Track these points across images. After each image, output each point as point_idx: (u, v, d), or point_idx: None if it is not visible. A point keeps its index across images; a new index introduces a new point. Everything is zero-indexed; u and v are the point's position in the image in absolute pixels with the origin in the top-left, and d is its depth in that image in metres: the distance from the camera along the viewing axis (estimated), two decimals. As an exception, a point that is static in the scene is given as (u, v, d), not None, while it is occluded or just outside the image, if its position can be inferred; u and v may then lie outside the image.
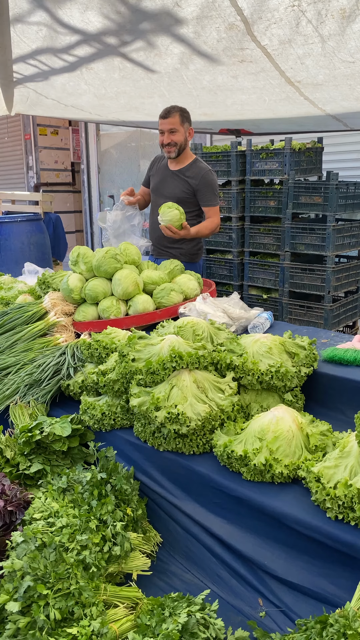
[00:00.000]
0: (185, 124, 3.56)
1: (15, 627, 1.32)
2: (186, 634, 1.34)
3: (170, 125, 3.51)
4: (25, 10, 3.39)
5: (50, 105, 5.32)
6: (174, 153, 3.60)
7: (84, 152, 10.64)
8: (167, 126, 3.52)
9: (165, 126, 3.54)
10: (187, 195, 3.68)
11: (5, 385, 2.38)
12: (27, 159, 11.31)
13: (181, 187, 3.67)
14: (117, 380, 2.13)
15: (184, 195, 3.69)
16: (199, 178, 3.62)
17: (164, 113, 3.54)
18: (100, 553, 1.55)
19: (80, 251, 3.07)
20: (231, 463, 1.75)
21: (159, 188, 3.77)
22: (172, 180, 3.70)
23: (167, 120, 3.52)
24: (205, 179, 3.62)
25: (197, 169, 3.65)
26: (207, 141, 8.04)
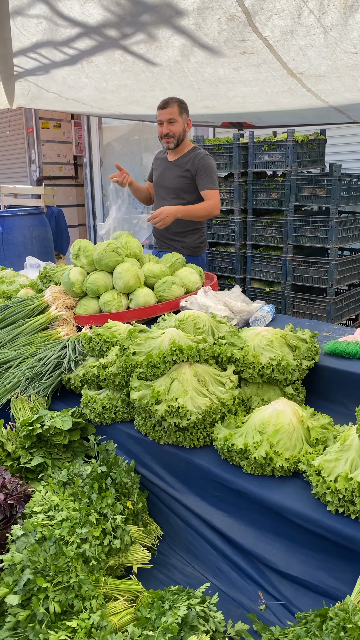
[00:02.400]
0: (183, 114, 3.56)
1: (15, 620, 1.32)
2: (186, 626, 1.34)
3: (169, 116, 3.51)
4: (25, 3, 3.37)
5: (52, 99, 5.30)
6: (173, 144, 3.59)
7: (86, 145, 10.61)
8: (166, 116, 3.51)
9: (163, 116, 3.53)
10: (187, 184, 3.66)
11: (6, 379, 2.39)
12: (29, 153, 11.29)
13: (179, 175, 3.66)
14: (118, 374, 2.13)
15: (183, 185, 3.67)
16: (196, 163, 3.61)
17: (162, 104, 3.53)
18: (101, 546, 1.55)
19: (81, 245, 3.07)
20: (232, 456, 1.74)
21: (160, 180, 3.78)
22: (171, 171, 3.70)
23: (165, 110, 3.51)
24: (201, 162, 3.60)
25: (194, 155, 3.65)
26: (209, 134, 7.99)
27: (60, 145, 11.56)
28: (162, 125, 3.55)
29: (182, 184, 3.67)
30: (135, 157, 10.01)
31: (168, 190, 3.74)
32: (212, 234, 5.35)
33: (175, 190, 3.70)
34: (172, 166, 3.70)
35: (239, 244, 5.19)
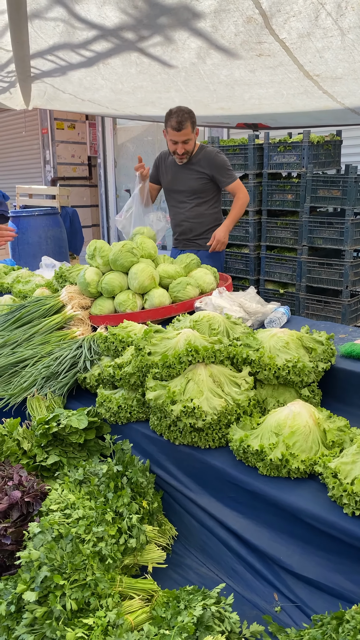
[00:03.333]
0: (195, 129, 3.65)
1: (32, 617, 1.34)
2: (201, 626, 1.34)
3: (185, 137, 3.58)
4: (42, 5, 3.40)
5: (67, 100, 5.33)
6: (186, 159, 3.71)
7: (100, 146, 10.66)
8: (182, 138, 3.58)
9: (179, 138, 3.59)
10: (203, 184, 3.76)
11: (22, 377, 2.41)
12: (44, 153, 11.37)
13: (195, 177, 3.75)
14: (133, 374, 2.14)
15: (200, 185, 3.77)
16: (211, 164, 3.71)
17: (176, 125, 3.54)
18: (116, 545, 1.56)
19: (97, 245, 3.09)
20: (247, 458, 1.75)
21: (172, 185, 3.86)
22: (184, 174, 3.77)
23: (180, 133, 3.56)
24: (215, 162, 3.71)
25: (205, 155, 3.73)
26: (223, 134, 7.99)
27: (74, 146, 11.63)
28: (177, 145, 3.62)
29: (200, 184, 3.77)
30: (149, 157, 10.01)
31: (185, 193, 3.83)
32: (226, 235, 5.35)
33: (194, 192, 3.80)
34: (184, 170, 3.77)
35: (253, 245, 5.18)
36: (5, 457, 2.00)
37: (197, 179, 3.76)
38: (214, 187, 3.82)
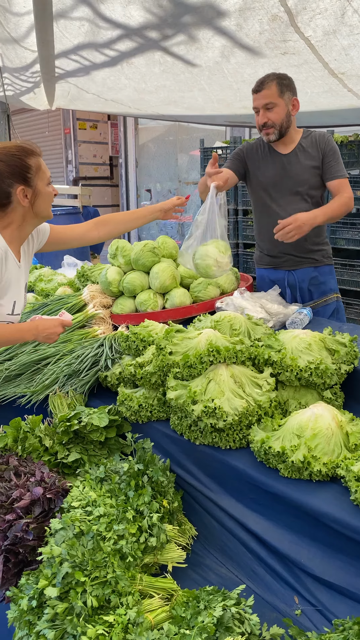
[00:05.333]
0: (285, 94, 2.69)
1: (54, 612, 1.35)
2: (221, 627, 1.34)
3: (265, 100, 2.67)
4: (68, 5, 3.43)
5: (91, 100, 5.37)
6: (274, 135, 2.75)
7: (122, 146, 10.71)
8: (262, 101, 2.69)
9: (258, 102, 2.71)
10: (316, 174, 2.85)
11: (45, 375, 2.43)
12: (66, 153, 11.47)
13: (309, 167, 2.83)
14: (154, 373, 2.14)
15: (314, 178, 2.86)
16: (322, 145, 2.81)
17: (256, 86, 2.72)
18: (137, 543, 1.56)
19: (119, 244, 3.10)
20: (268, 459, 1.73)
21: (279, 180, 2.88)
22: (293, 164, 2.84)
23: (260, 94, 2.69)
24: (328, 145, 2.81)
25: (317, 137, 2.84)
26: (245, 133, 7.97)
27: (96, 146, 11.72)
28: (258, 113, 2.75)
29: (314, 177, 2.85)
30: (170, 157, 10.05)
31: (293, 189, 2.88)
32: (246, 235, 5.33)
33: (307, 187, 2.87)
34: (290, 159, 2.85)
35: (274, 245, 5.14)
36: (27, 453, 2.02)
37: (310, 169, 2.83)
38: (322, 181, 2.88)
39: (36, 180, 1.95)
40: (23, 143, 1.98)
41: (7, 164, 1.88)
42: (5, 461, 1.89)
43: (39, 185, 1.96)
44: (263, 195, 2.96)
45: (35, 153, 1.96)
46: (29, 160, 1.92)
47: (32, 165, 1.93)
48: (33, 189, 1.95)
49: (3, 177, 1.88)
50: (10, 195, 1.91)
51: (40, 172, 1.96)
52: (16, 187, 1.90)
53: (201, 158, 5.70)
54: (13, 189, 1.90)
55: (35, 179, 1.94)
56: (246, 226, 5.30)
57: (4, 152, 1.89)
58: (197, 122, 7.36)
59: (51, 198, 2.05)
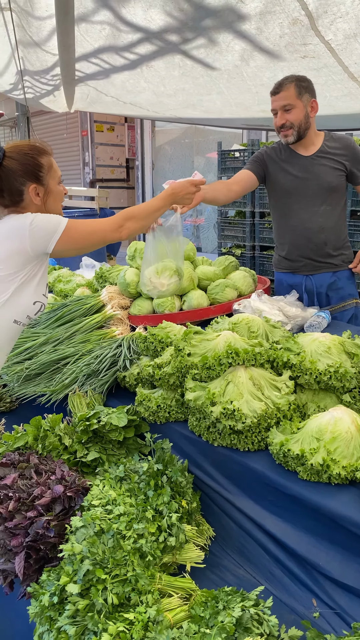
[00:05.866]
0: (304, 96, 2.70)
1: (75, 609, 1.36)
2: (240, 628, 1.34)
3: (284, 102, 2.69)
4: (90, 9, 3.47)
5: (109, 103, 5.41)
6: (292, 136, 2.75)
7: (139, 148, 10.76)
8: (280, 102, 2.70)
9: (277, 103, 2.72)
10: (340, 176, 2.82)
11: (64, 374, 2.46)
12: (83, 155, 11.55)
13: (332, 169, 2.80)
14: (173, 374, 2.16)
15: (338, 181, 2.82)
16: (351, 150, 2.79)
17: (274, 88, 2.74)
18: (156, 543, 1.58)
19: (137, 246, 3.13)
20: (287, 462, 1.74)
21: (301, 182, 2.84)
22: (315, 166, 2.80)
23: (278, 95, 2.71)
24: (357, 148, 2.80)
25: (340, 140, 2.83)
26: (262, 136, 7.96)
27: (113, 148, 11.79)
28: (277, 115, 2.76)
29: (338, 180, 2.82)
30: (186, 160, 10.08)
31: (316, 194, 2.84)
32: (263, 238, 5.33)
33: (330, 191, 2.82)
34: (314, 161, 2.81)
35: (291, 248, 5.13)
36: (47, 452, 2.05)
37: (333, 172, 2.79)
38: (345, 185, 2.89)
39: (48, 179, 1.96)
40: (35, 142, 2.01)
41: (20, 162, 1.90)
42: (26, 459, 1.92)
43: (50, 183, 1.97)
44: (283, 198, 2.93)
45: (47, 152, 1.99)
46: (41, 159, 1.94)
47: (44, 164, 1.95)
48: (45, 188, 1.96)
49: (16, 175, 1.90)
50: (22, 193, 1.92)
51: (51, 171, 1.98)
52: (28, 185, 1.92)
53: (219, 161, 5.72)
54: (25, 187, 1.92)
55: (47, 177, 1.96)
56: (263, 229, 5.30)
57: (16, 151, 1.92)
58: (214, 125, 7.37)
59: (62, 197, 2.06)
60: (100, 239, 2.01)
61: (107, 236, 2.01)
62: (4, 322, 1.89)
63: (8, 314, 1.89)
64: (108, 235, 2.00)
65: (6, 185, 1.90)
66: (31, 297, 1.92)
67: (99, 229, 2.00)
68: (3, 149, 1.91)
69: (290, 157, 2.87)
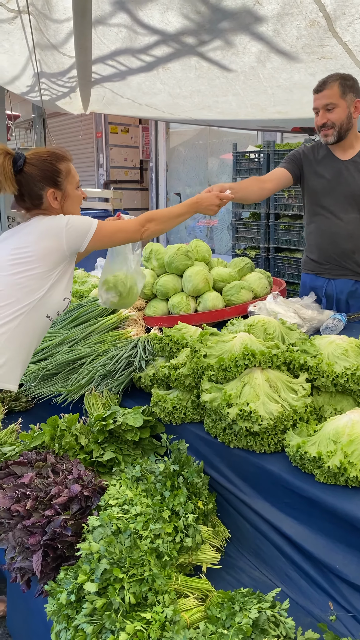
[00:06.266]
0: (348, 95, 2.62)
1: (92, 607, 1.37)
2: (257, 629, 1.35)
3: (326, 100, 2.62)
4: (107, 12, 3.49)
5: (125, 104, 5.43)
6: (332, 137, 2.69)
7: (153, 149, 10.79)
8: (323, 101, 2.64)
9: (319, 102, 2.66)
10: None
11: (80, 374, 2.47)
12: (97, 157, 11.60)
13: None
14: (189, 375, 2.16)
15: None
16: None
17: (318, 85, 2.68)
18: (172, 543, 1.58)
19: (152, 247, 3.14)
20: (304, 464, 1.73)
21: (333, 187, 2.80)
22: (351, 172, 2.77)
23: (321, 94, 2.64)
24: None
25: None
26: (276, 138, 7.94)
27: (127, 150, 11.82)
28: (318, 114, 2.69)
29: None
30: (200, 161, 10.08)
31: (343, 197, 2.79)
32: (278, 239, 5.31)
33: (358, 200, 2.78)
34: (349, 166, 2.77)
35: (305, 250, 5.12)
36: (63, 451, 2.06)
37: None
38: None
39: (65, 184, 2.05)
40: (54, 149, 2.10)
41: (39, 168, 1.99)
42: (43, 458, 1.94)
43: (68, 188, 2.06)
44: (313, 199, 2.90)
45: (66, 158, 2.07)
46: (59, 165, 2.03)
47: (62, 169, 2.04)
48: (63, 192, 2.05)
49: (35, 180, 1.99)
50: (41, 197, 2.02)
51: (69, 176, 2.06)
52: (47, 190, 2.01)
53: (234, 162, 5.72)
54: (44, 192, 2.01)
55: (65, 182, 2.04)
56: (278, 230, 5.29)
57: (36, 157, 2.01)
58: (229, 126, 7.37)
59: (80, 201, 2.15)
60: (124, 238, 2.14)
61: (130, 236, 2.13)
62: (38, 317, 1.98)
63: (43, 310, 1.98)
64: (131, 235, 2.12)
65: (26, 190, 2.00)
66: (62, 293, 2.02)
67: (123, 229, 2.11)
68: (24, 155, 2.00)
69: (326, 158, 2.82)
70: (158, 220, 2.17)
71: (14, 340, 1.91)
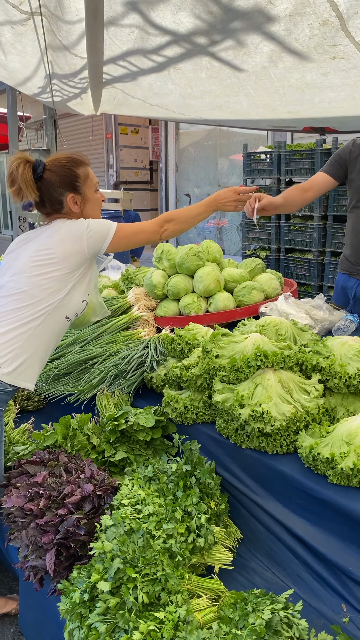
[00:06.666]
0: None
1: (105, 607, 1.38)
2: (270, 631, 1.34)
3: None
4: (119, 13, 3.50)
5: (136, 105, 5.44)
6: None
7: (162, 150, 10.80)
8: None
9: None
10: None
11: (92, 374, 2.48)
12: (107, 158, 11.63)
13: None
14: (200, 376, 2.16)
15: None
16: None
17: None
18: (185, 543, 1.58)
19: (164, 248, 3.14)
20: (316, 465, 1.73)
21: None
22: None
23: None
24: None
25: None
26: (287, 138, 7.92)
27: (137, 151, 11.85)
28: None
29: None
30: (210, 162, 10.08)
31: None
32: (289, 240, 5.30)
33: None
34: None
35: (317, 250, 5.10)
36: (76, 450, 2.07)
37: None
38: None
39: (84, 188, 2.07)
40: (72, 154, 2.12)
41: (57, 174, 2.02)
42: (55, 457, 1.94)
43: (87, 192, 2.09)
44: (353, 197, 2.90)
45: (83, 162, 2.10)
46: (77, 170, 2.06)
47: (81, 174, 2.07)
48: (82, 196, 2.08)
49: (55, 186, 2.02)
50: (62, 202, 2.05)
51: (88, 180, 2.09)
52: (67, 195, 2.04)
53: (244, 162, 5.71)
54: (64, 197, 2.04)
55: (84, 187, 2.07)
56: (288, 231, 5.27)
57: (54, 164, 2.04)
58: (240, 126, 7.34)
59: (99, 203, 2.17)
60: (144, 239, 2.14)
61: (149, 237, 2.14)
62: (58, 317, 1.99)
63: (63, 310, 2.00)
64: (150, 236, 2.14)
65: (47, 196, 2.03)
66: (81, 295, 2.04)
67: (143, 231, 2.12)
68: (43, 162, 2.03)
69: None
70: (177, 220, 2.18)
71: (34, 339, 1.92)
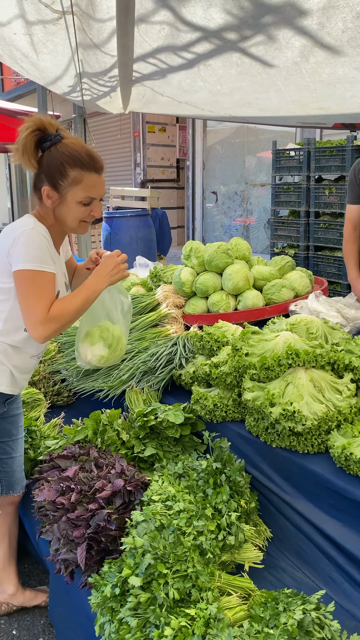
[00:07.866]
0: None
1: (137, 601, 1.38)
2: (302, 631, 1.33)
3: None
4: (149, 10, 3.50)
5: (165, 103, 5.44)
6: None
7: (190, 148, 10.78)
8: None
9: None
10: None
11: (121, 370, 2.49)
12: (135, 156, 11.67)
13: None
14: (230, 374, 2.15)
15: None
16: None
17: None
18: (215, 541, 1.58)
19: (192, 245, 3.13)
20: (349, 465, 1.70)
21: None
22: None
23: None
24: None
25: None
26: (316, 135, 7.82)
27: (164, 149, 11.85)
28: None
29: None
30: (237, 159, 10.01)
31: None
32: (318, 238, 5.23)
33: None
34: None
35: (346, 248, 5.02)
36: (106, 446, 2.08)
37: None
38: None
39: (67, 191, 1.77)
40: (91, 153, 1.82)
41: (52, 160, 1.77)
42: (86, 452, 1.96)
43: (68, 196, 1.78)
44: None
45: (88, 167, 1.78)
46: (70, 169, 1.76)
47: (71, 175, 1.76)
48: (60, 196, 1.79)
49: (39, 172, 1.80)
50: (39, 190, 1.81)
51: (76, 187, 1.77)
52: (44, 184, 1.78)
53: (273, 160, 5.66)
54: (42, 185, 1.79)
55: (67, 189, 1.77)
56: (318, 228, 5.21)
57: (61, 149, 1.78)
58: (269, 123, 7.29)
59: (79, 216, 1.83)
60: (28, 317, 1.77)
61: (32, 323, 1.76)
62: None
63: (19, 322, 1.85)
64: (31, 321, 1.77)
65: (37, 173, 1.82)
66: None
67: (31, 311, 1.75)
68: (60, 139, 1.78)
69: None
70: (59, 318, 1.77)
71: None
